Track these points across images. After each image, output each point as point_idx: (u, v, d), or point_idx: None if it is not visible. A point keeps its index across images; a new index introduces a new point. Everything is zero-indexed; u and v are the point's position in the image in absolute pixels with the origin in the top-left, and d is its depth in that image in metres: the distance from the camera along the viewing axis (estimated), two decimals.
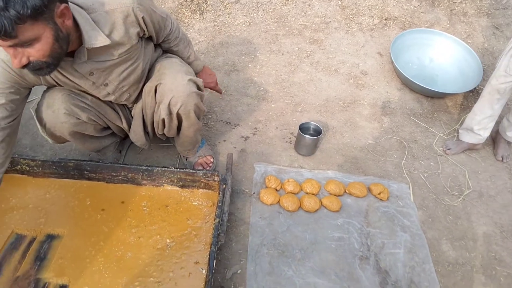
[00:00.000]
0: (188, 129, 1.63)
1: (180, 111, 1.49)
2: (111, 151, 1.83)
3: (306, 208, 1.78)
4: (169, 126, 1.59)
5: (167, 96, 1.46)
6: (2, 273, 1.38)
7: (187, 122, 1.58)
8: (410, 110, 2.45)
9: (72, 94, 1.46)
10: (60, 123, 1.45)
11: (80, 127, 1.51)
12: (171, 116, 1.53)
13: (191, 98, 1.48)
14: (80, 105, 1.48)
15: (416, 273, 1.60)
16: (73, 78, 1.37)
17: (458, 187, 2.01)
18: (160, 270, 1.43)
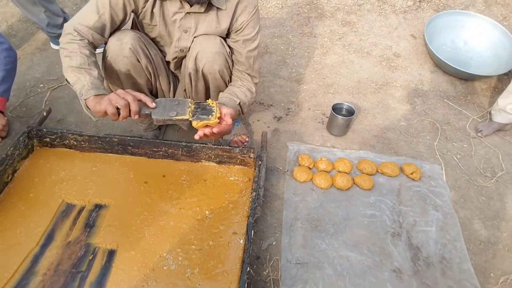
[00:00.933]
0: (215, 94, 1.67)
1: (205, 68, 1.54)
2: (154, 124, 1.91)
3: (338, 186, 1.83)
4: (195, 87, 1.64)
5: (195, 51, 1.54)
6: (55, 238, 1.49)
7: (213, 85, 1.62)
8: (443, 92, 2.44)
9: (142, 38, 1.56)
10: (122, 57, 1.52)
11: (135, 70, 1.57)
12: (197, 74, 1.58)
13: (218, 57, 1.54)
14: (145, 50, 1.57)
15: (448, 250, 1.63)
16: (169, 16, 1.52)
17: (491, 169, 2.01)
18: (200, 239, 1.51)
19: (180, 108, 1.38)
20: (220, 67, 1.56)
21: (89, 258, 1.43)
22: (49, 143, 1.80)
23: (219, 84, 1.64)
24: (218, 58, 1.54)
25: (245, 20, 1.56)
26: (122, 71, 1.57)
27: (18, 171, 1.70)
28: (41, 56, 2.41)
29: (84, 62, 1.38)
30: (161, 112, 1.36)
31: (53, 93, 2.19)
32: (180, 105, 1.38)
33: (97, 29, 1.46)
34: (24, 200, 1.59)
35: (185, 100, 1.40)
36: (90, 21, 1.45)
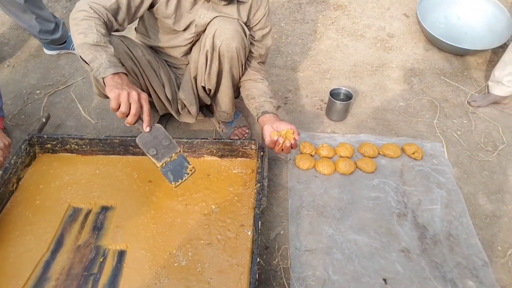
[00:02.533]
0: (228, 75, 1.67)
1: (223, 45, 1.53)
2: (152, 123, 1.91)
3: (341, 171, 1.84)
4: (210, 67, 1.62)
5: (212, 29, 1.53)
6: (64, 243, 1.50)
7: (228, 65, 1.61)
8: (439, 69, 2.44)
9: (124, 42, 1.55)
10: None
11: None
12: (213, 53, 1.57)
13: (236, 35, 1.53)
14: (128, 53, 1.56)
15: (454, 226, 1.65)
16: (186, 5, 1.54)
17: (492, 143, 2.02)
18: (208, 233, 1.53)
19: (164, 151, 1.33)
20: (238, 45, 1.55)
21: (100, 260, 1.44)
22: (51, 149, 1.81)
23: (234, 65, 1.62)
24: (236, 36, 1.53)
25: (261, 14, 1.62)
26: None
27: (23, 179, 1.71)
28: (35, 63, 2.41)
29: (101, 40, 1.31)
30: (146, 141, 1.31)
31: (50, 99, 2.19)
32: (167, 149, 1.34)
33: (112, 10, 1.41)
34: (30, 208, 1.60)
35: (176, 147, 1.36)
36: (106, 2, 1.39)
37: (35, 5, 2.19)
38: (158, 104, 1.83)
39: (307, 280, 1.46)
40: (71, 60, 2.42)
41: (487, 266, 1.51)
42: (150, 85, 1.71)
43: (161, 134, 1.34)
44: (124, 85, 1.26)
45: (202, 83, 1.73)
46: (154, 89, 1.73)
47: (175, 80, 1.80)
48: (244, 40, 1.58)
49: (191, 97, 1.78)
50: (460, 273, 1.49)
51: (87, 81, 2.30)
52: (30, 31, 2.29)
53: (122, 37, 1.57)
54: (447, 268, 1.50)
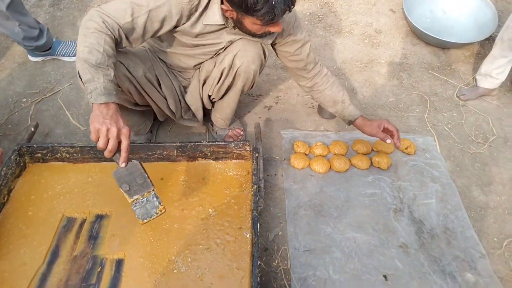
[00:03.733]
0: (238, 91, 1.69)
1: (242, 67, 1.55)
2: (143, 130, 1.90)
3: (336, 169, 1.84)
4: (222, 82, 1.64)
5: (235, 50, 1.53)
6: (60, 254, 1.47)
7: (241, 85, 1.64)
8: (427, 64, 2.46)
9: (124, 63, 1.48)
10: None
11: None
12: (230, 71, 1.58)
13: (257, 58, 1.56)
14: (127, 75, 1.51)
15: (450, 220, 1.66)
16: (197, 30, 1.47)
17: (483, 135, 2.04)
18: (207, 238, 1.51)
19: (136, 188, 1.31)
20: (256, 68, 1.58)
21: (97, 270, 1.42)
22: (41, 159, 1.77)
23: (247, 84, 1.66)
24: (257, 59, 1.56)
25: (292, 32, 1.59)
26: None
27: (13, 191, 1.67)
28: (20, 70, 2.35)
29: (104, 61, 1.24)
30: (121, 175, 1.28)
31: (37, 107, 2.15)
32: (140, 186, 1.31)
33: (126, 29, 1.33)
34: (23, 219, 1.56)
35: (149, 186, 1.33)
36: (121, 19, 1.30)
37: (18, 12, 2.13)
38: (159, 113, 1.81)
39: (308, 280, 1.46)
40: (57, 66, 2.38)
41: (484, 258, 1.53)
42: (151, 99, 1.69)
43: (137, 171, 1.30)
44: (107, 118, 1.20)
45: (209, 92, 1.73)
46: (155, 102, 1.71)
47: (178, 88, 1.77)
48: (263, 62, 1.63)
49: (198, 103, 1.79)
50: (458, 266, 1.51)
51: (74, 87, 2.26)
52: (14, 38, 2.24)
53: (123, 56, 1.49)
54: (446, 262, 1.52)
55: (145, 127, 1.90)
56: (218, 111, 1.87)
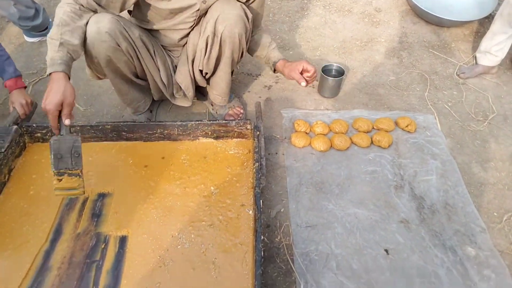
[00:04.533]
0: (228, 61, 1.66)
1: (226, 31, 1.52)
2: (143, 107, 1.90)
3: (337, 147, 1.84)
4: (209, 53, 1.61)
5: (215, 14, 1.51)
6: (63, 231, 1.47)
7: (229, 51, 1.60)
8: (427, 42, 2.45)
9: (121, 22, 1.51)
10: (100, 41, 1.47)
11: (116, 55, 1.53)
12: (215, 38, 1.55)
13: (239, 20, 1.52)
14: (125, 34, 1.52)
15: (450, 195, 1.67)
16: None
17: (483, 113, 2.05)
18: (210, 214, 1.52)
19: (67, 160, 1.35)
20: (240, 30, 1.54)
21: (101, 247, 1.42)
22: (41, 138, 1.76)
23: (235, 50, 1.61)
24: (239, 21, 1.52)
25: None
26: (101, 57, 1.52)
27: (14, 170, 1.66)
28: (17, 51, 2.33)
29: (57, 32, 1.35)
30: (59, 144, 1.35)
31: (35, 87, 2.13)
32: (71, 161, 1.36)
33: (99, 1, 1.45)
34: (25, 198, 1.57)
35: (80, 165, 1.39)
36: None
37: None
38: (153, 88, 1.79)
39: (310, 255, 1.47)
40: None
41: (484, 232, 1.55)
42: (146, 67, 1.67)
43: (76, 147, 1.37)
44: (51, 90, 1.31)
45: (199, 67, 1.71)
46: (150, 71, 1.69)
47: (170, 64, 1.76)
48: (247, 25, 1.57)
49: (187, 80, 1.75)
50: (459, 240, 1.52)
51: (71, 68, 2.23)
52: (10, 18, 2.21)
53: (118, 17, 1.52)
54: (446, 236, 1.53)
55: (144, 104, 1.88)
56: (214, 88, 1.85)
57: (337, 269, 1.43)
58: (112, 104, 2.05)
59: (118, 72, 1.64)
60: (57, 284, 1.32)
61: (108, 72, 1.62)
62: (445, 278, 1.41)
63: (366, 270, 1.43)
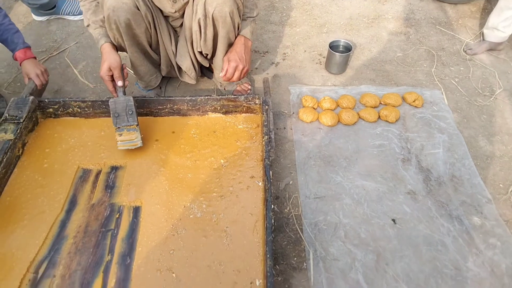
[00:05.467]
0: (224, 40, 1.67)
1: (216, 12, 1.53)
2: (154, 82, 1.93)
3: (344, 122, 1.86)
4: (204, 34, 1.63)
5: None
6: (78, 202, 1.51)
7: (223, 30, 1.61)
8: (434, 19, 2.44)
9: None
10: (122, 3, 1.50)
11: (134, 18, 1.56)
12: (206, 20, 1.57)
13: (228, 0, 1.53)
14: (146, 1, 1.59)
15: (457, 168, 1.70)
16: None
17: (489, 88, 2.05)
18: (220, 186, 1.55)
19: (124, 117, 1.59)
20: (231, 8, 1.55)
21: (115, 217, 1.46)
22: (53, 114, 1.79)
23: (229, 29, 1.62)
24: (228, 0, 1.52)
25: None
26: (121, 20, 1.54)
27: (27, 144, 1.69)
28: (25, 29, 2.34)
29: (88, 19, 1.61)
30: (116, 105, 1.59)
31: (45, 65, 2.14)
32: (128, 118, 1.59)
33: None
34: (39, 171, 1.60)
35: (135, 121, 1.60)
36: None
37: None
38: (164, 61, 1.82)
39: (318, 224, 1.51)
40: (62, 25, 2.36)
41: (490, 203, 1.57)
42: (161, 36, 1.71)
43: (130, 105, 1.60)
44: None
45: (198, 48, 1.73)
46: (163, 41, 1.72)
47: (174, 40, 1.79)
48: (237, 2, 1.57)
49: (188, 62, 1.79)
50: (465, 211, 1.55)
51: (80, 46, 2.26)
52: None
53: None
54: (453, 207, 1.56)
55: (156, 79, 1.91)
56: (217, 68, 1.86)
57: (345, 238, 1.46)
58: None
59: (135, 39, 1.66)
60: (74, 251, 1.36)
61: (127, 39, 1.63)
62: (451, 246, 1.44)
63: (373, 238, 1.46)
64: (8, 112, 1.66)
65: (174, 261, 1.33)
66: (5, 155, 1.54)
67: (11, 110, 1.67)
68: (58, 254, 1.36)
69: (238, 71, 1.70)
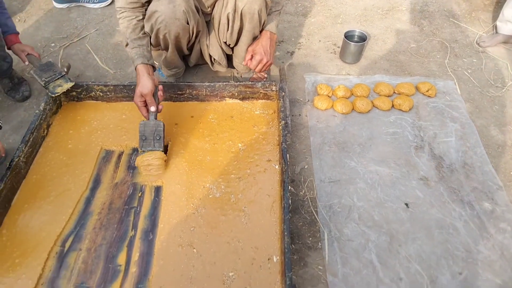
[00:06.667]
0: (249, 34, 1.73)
1: (245, 8, 1.59)
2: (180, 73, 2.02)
3: (359, 110, 1.90)
4: (232, 27, 1.69)
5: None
6: (102, 181, 1.57)
7: (250, 25, 1.67)
8: (448, 11, 2.46)
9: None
10: (175, 19, 1.56)
11: (184, 32, 1.64)
12: (235, 14, 1.63)
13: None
14: (193, 9, 1.62)
15: (469, 156, 1.73)
16: None
17: (501, 79, 2.08)
18: (238, 168, 1.60)
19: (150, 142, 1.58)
20: (260, 6, 1.60)
21: (138, 195, 1.52)
22: (76, 97, 1.85)
23: (255, 25, 1.68)
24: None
25: None
26: (172, 34, 1.62)
27: (52, 126, 1.76)
28: (46, 16, 2.40)
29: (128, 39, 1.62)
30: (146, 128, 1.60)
31: (66, 51, 2.21)
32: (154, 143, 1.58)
33: None
34: (64, 151, 1.66)
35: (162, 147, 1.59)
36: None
37: None
38: (195, 56, 1.90)
39: (333, 207, 1.55)
40: (82, 12, 2.42)
41: (501, 190, 1.61)
42: (199, 42, 1.81)
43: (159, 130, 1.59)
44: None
45: (223, 39, 1.79)
46: (200, 43, 1.82)
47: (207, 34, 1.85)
48: (266, 0, 1.63)
49: (219, 52, 1.85)
50: (476, 197, 1.59)
51: (100, 33, 2.31)
52: None
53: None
54: (464, 193, 1.60)
55: (182, 71, 1.99)
56: (237, 56, 1.91)
57: (359, 220, 1.51)
58: None
59: (178, 46, 1.75)
60: (99, 226, 1.42)
61: (172, 48, 1.73)
62: (462, 230, 1.48)
63: (387, 221, 1.51)
64: (44, 78, 1.76)
65: (194, 237, 1.39)
66: (31, 135, 1.61)
67: (45, 75, 1.77)
68: (84, 229, 1.42)
69: (261, 64, 1.76)
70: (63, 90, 1.73)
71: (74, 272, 1.31)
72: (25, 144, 1.56)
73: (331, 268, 1.38)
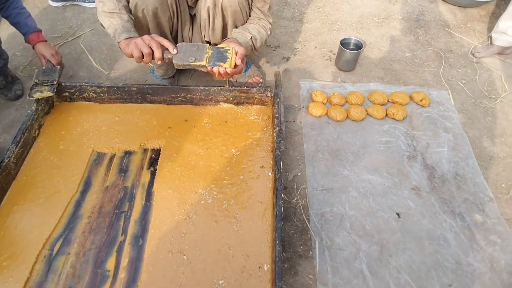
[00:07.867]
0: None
1: (225, 2, 1.55)
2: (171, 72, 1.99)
3: (353, 118, 1.90)
4: (213, 23, 1.64)
5: None
6: (92, 184, 1.56)
7: (232, 20, 1.62)
8: (443, 21, 2.48)
9: None
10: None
11: (162, 7, 1.57)
12: (215, 8, 1.59)
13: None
14: None
15: (461, 167, 1.74)
16: None
17: (495, 91, 2.09)
18: (231, 174, 1.59)
19: (198, 53, 1.42)
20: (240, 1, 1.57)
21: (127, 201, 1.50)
22: (68, 98, 1.83)
23: (238, 18, 1.64)
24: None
25: None
26: (149, 9, 1.56)
27: (44, 126, 1.74)
28: (41, 15, 2.38)
29: (115, 7, 1.46)
30: (181, 57, 1.41)
31: (60, 50, 2.19)
32: (199, 51, 1.42)
33: None
34: (55, 153, 1.64)
35: (204, 45, 1.44)
36: None
37: None
38: None
39: (325, 215, 1.55)
40: (77, 11, 2.40)
41: (492, 202, 1.62)
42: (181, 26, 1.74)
43: (187, 46, 1.44)
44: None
45: (206, 38, 1.75)
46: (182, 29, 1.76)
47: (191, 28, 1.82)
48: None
49: None
50: (467, 208, 1.59)
51: (95, 32, 2.29)
52: None
53: None
54: (455, 204, 1.61)
55: (172, 68, 1.96)
56: None
57: (350, 229, 1.51)
58: (135, 69, 2.11)
59: (159, 27, 1.67)
60: (88, 230, 1.41)
61: (152, 27, 1.64)
62: (452, 241, 1.49)
63: (378, 230, 1.51)
64: (38, 78, 1.74)
65: (185, 243, 1.38)
66: (22, 135, 1.59)
67: (40, 77, 1.75)
68: (73, 233, 1.40)
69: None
70: (41, 97, 1.70)
71: (62, 277, 1.30)
72: (16, 144, 1.54)
73: (322, 278, 1.38)
